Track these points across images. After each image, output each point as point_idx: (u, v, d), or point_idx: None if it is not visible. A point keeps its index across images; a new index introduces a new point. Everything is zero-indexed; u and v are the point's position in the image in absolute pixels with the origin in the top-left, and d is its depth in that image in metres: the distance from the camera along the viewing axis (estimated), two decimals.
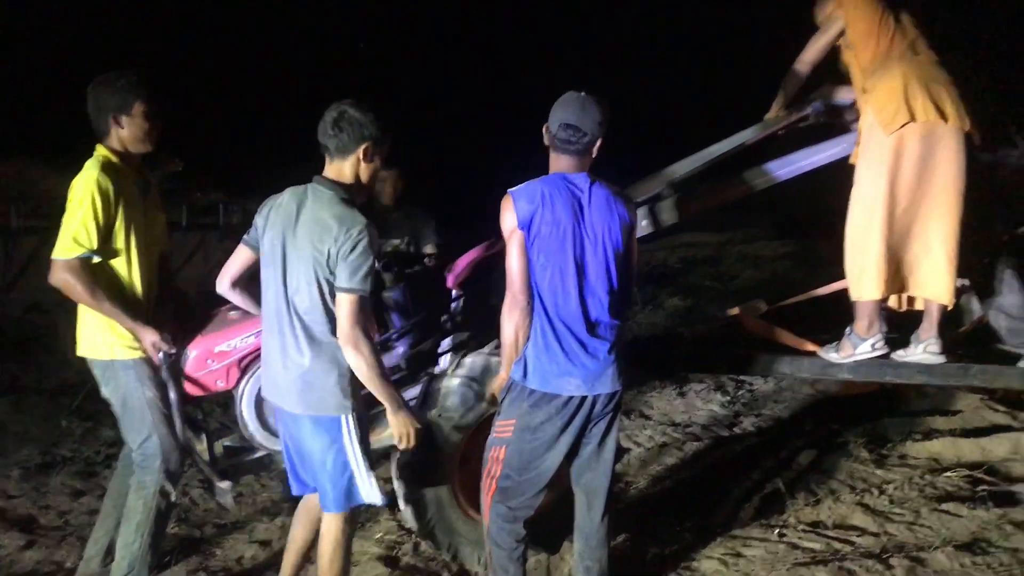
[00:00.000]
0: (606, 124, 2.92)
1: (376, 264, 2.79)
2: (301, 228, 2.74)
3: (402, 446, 2.93)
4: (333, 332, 2.77)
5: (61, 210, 3.08)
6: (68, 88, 4.22)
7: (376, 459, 3.06)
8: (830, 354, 4.11)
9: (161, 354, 3.12)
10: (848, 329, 4.08)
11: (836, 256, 4.09)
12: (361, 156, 2.79)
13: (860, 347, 4.02)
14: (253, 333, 3.27)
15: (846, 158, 4.14)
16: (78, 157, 3.17)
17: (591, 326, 2.91)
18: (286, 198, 2.84)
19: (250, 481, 4.50)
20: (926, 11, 4.11)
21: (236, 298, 3.18)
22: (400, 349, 3.81)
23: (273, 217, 2.84)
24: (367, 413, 3.00)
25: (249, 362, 3.32)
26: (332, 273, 2.72)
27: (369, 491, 2.91)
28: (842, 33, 4.03)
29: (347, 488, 2.89)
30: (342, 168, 2.82)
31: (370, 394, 2.84)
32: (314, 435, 2.85)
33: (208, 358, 3.26)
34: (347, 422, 2.85)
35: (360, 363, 2.73)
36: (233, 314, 3.42)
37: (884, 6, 3.94)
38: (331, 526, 2.94)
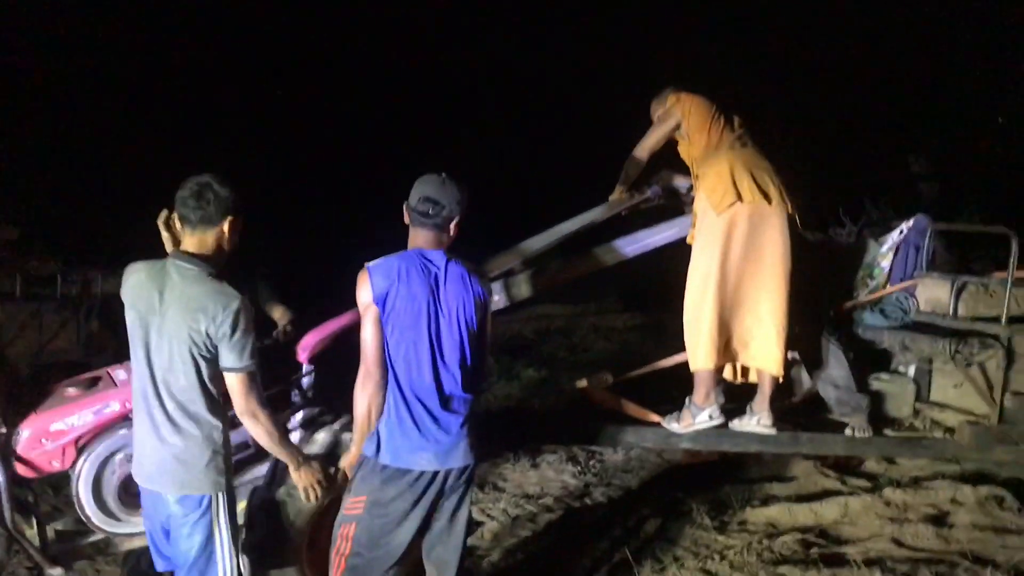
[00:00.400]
0: (464, 203, 3.00)
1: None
2: (170, 308, 2.68)
3: (311, 499, 2.97)
4: (210, 410, 2.74)
5: None
6: None
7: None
8: (672, 424, 4.31)
9: None
10: (687, 400, 4.29)
11: (680, 329, 4.31)
12: (227, 228, 2.79)
13: (699, 416, 4.23)
14: (92, 410, 3.17)
15: (685, 238, 4.40)
16: None
17: (444, 400, 2.93)
18: (143, 276, 2.76)
19: (84, 567, 4.25)
20: (755, 109, 4.50)
21: None
22: None
23: (132, 296, 2.77)
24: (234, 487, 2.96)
25: (86, 441, 3.18)
26: (210, 352, 2.69)
27: (227, 568, 2.85)
28: (678, 126, 4.34)
29: (205, 566, 2.82)
30: (204, 239, 2.78)
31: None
32: (183, 513, 2.78)
33: (43, 437, 3.12)
34: (219, 500, 2.81)
35: (261, 432, 2.79)
36: (71, 390, 3.30)
37: (716, 106, 4.30)
38: None
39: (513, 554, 4.56)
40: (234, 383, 2.72)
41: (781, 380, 4.33)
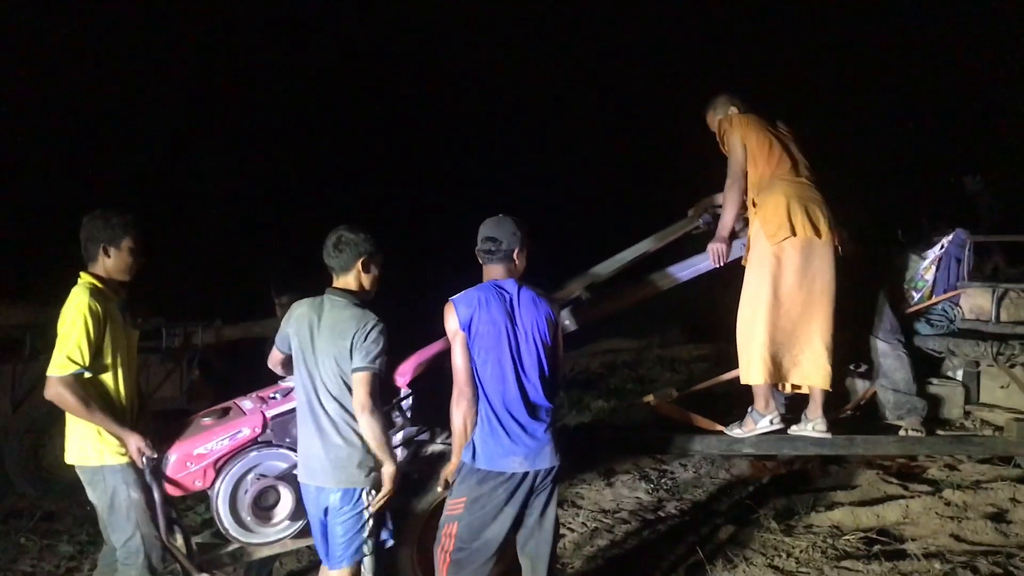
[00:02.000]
0: (521, 235, 3.47)
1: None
2: (323, 331, 3.32)
3: (390, 491, 3.42)
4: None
5: None
6: None
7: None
8: (734, 430, 4.68)
9: (145, 458, 3.46)
10: (750, 408, 4.66)
11: None
12: (360, 269, 3.43)
13: (760, 422, 4.61)
14: (227, 436, 3.65)
15: (739, 259, 4.78)
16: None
17: (530, 409, 3.36)
18: (305, 308, 3.42)
19: (225, 573, 4.72)
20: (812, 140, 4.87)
21: (283, 372, 3.75)
22: None
23: (296, 325, 3.41)
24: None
25: (224, 463, 3.67)
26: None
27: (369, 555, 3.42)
28: (744, 147, 4.67)
29: (357, 546, 3.37)
30: (347, 280, 3.45)
31: None
32: (339, 506, 3.33)
33: (187, 460, 3.59)
34: (370, 495, 3.37)
35: (369, 427, 3.28)
36: (207, 420, 3.79)
37: (770, 130, 4.67)
38: None
39: (594, 560, 4.91)
40: (358, 380, 3.26)
41: (831, 390, 4.67)
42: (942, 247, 5.28)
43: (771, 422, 4.61)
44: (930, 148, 13.48)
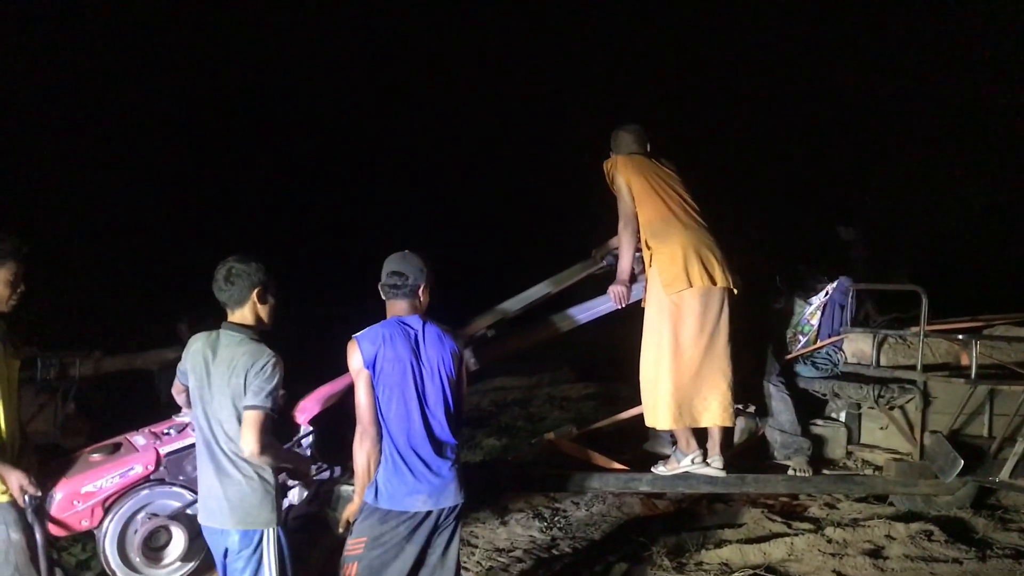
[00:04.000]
0: (426, 271, 3.45)
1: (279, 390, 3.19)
2: (219, 367, 3.15)
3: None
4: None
5: None
6: None
7: None
8: (659, 469, 4.77)
9: (28, 496, 3.26)
10: (673, 448, 4.76)
11: (633, 395, 4.78)
12: (256, 300, 3.26)
13: (683, 461, 4.73)
14: (118, 473, 3.50)
15: (639, 301, 4.89)
16: None
17: (435, 446, 3.33)
18: (200, 344, 3.24)
19: None
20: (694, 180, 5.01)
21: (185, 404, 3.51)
22: None
23: (192, 361, 3.23)
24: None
25: (113, 501, 3.50)
26: None
27: None
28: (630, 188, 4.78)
29: None
30: (243, 314, 3.26)
31: None
32: (239, 548, 3.17)
33: (74, 499, 3.43)
34: (269, 535, 3.21)
35: (268, 464, 3.17)
36: (96, 456, 3.62)
37: (655, 171, 4.78)
38: None
39: None
40: (248, 419, 3.08)
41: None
42: (827, 293, 5.54)
43: (692, 460, 4.72)
44: (805, 196, 14.14)
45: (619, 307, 4.81)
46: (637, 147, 4.89)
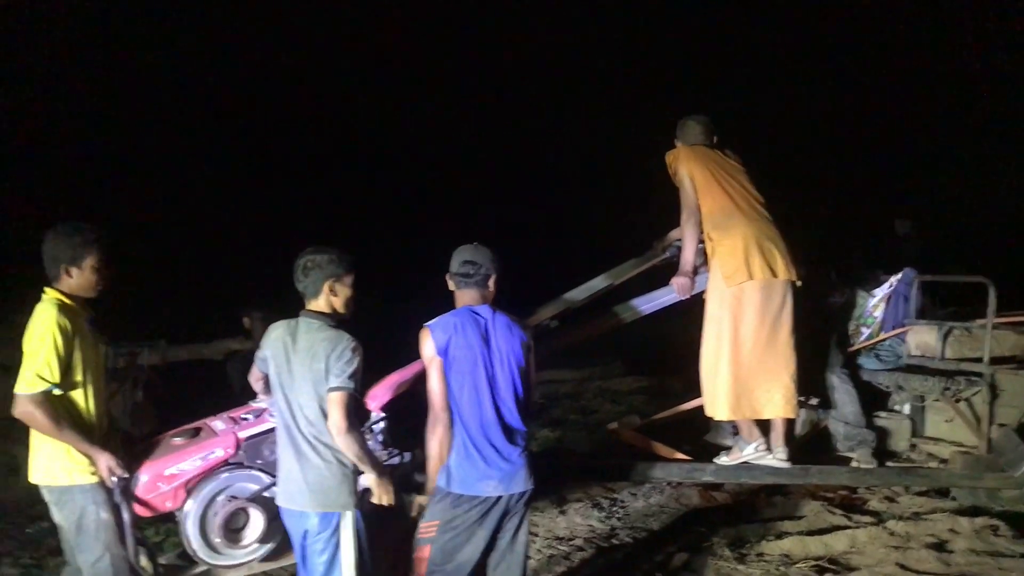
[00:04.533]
0: (497, 262, 3.53)
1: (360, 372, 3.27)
2: (298, 354, 3.26)
3: (386, 502, 3.39)
4: None
5: None
6: None
7: None
8: (722, 459, 4.79)
9: (115, 478, 3.38)
10: (736, 437, 4.77)
11: (684, 389, 4.79)
12: (328, 291, 3.35)
13: (746, 449, 4.73)
14: (200, 456, 3.60)
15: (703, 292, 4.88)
16: None
17: (506, 433, 3.40)
18: (280, 331, 3.35)
19: None
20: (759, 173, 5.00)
21: (262, 391, 3.61)
22: None
23: (272, 348, 3.34)
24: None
25: (195, 484, 3.61)
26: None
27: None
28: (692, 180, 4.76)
29: (335, 571, 3.29)
30: (319, 303, 3.37)
31: None
32: (318, 531, 3.27)
33: (158, 481, 3.54)
34: (347, 518, 3.29)
35: (348, 447, 3.22)
36: (178, 440, 3.73)
37: (718, 166, 4.78)
38: None
39: None
40: (332, 400, 3.20)
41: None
42: (891, 285, 5.49)
43: (756, 449, 4.73)
44: (862, 191, 13.98)
45: (683, 298, 4.82)
46: (703, 138, 4.87)
